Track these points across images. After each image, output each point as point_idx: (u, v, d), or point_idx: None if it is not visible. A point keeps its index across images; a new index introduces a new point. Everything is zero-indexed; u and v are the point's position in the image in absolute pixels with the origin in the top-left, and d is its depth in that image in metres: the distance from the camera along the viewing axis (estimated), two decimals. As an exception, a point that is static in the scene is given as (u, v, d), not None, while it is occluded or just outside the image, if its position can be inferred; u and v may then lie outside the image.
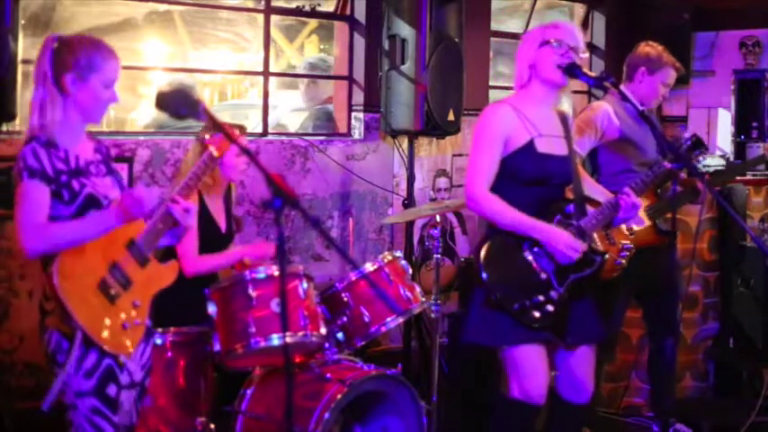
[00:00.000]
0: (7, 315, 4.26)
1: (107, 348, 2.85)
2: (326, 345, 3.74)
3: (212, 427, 3.60)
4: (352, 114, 5.73)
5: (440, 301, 4.27)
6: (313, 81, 6.44)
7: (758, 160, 4.98)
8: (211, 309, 3.53)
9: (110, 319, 2.86)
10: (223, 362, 3.56)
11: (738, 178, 5.57)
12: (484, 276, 3.39)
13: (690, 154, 3.84)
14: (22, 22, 4.18)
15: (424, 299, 3.98)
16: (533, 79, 3.50)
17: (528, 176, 3.45)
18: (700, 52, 7.28)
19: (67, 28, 5.90)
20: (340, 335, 3.79)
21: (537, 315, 3.39)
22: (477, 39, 5.95)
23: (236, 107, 7.84)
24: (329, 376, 3.65)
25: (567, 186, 3.58)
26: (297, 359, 3.79)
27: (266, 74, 5.42)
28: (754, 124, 6.43)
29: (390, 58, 4.99)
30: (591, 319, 3.57)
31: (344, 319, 3.80)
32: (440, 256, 4.26)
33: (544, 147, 3.47)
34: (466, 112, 5.23)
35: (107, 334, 2.84)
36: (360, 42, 5.69)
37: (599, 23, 7.32)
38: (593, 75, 3.54)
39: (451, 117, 5.07)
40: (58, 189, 2.83)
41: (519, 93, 3.55)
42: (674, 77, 4.42)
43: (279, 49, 7.20)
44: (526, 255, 3.44)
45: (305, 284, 3.61)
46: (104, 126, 4.83)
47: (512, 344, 3.43)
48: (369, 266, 3.91)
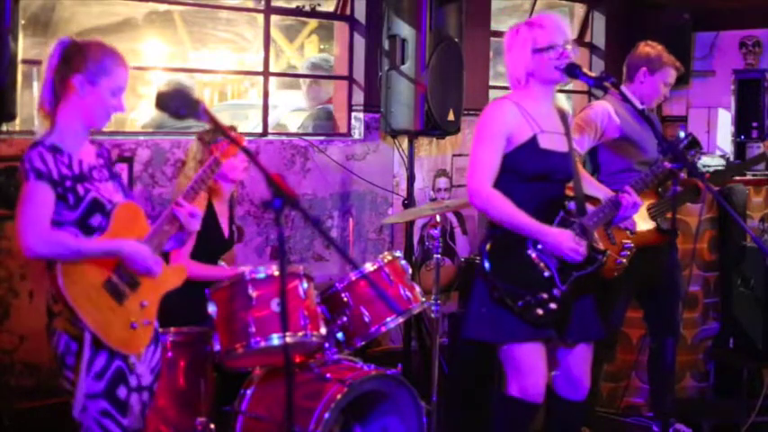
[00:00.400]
0: (7, 315, 4.26)
1: (117, 349, 2.84)
2: (326, 345, 3.74)
3: (212, 427, 3.60)
4: (352, 114, 5.72)
5: (440, 301, 4.27)
6: (315, 81, 6.44)
7: (758, 159, 4.97)
8: (211, 309, 3.53)
9: (118, 319, 2.85)
10: (223, 362, 3.56)
11: (738, 178, 5.57)
12: (488, 272, 3.39)
13: (686, 153, 3.85)
14: (22, 22, 4.17)
15: (424, 299, 3.98)
16: (531, 81, 3.50)
17: (530, 172, 3.45)
18: (700, 52, 7.28)
19: (67, 28, 5.90)
20: (340, 335, 3.79)
21: (540, 312, 3.39)
22: (477, 39, 5.95)
23: (236, 107, 7.85)
24: (329, 376, 3.64)
25: (568, 183, 3.59)
26: (297, 359, 3.79)
27: (266, 74, 5.42)
28: (754, 124, 6.43)
29: (390, 58, 4.99)
30: (591, 317, 3.57)
31: (344, 319, 3.80)
32: (440, 256, 4.26)
33: (546, 143, 3.48)
34: (466, 112, 5.23)
35: (116, 334, 2.84)
36: (360, 42, 5.69)
37: (599, 23, 7.31)
38: (593, 75, 3.54)
39: (451, 117, 5.07)
40: (63, 193, 2.82)
41: (519, 91, 3.54)
42: (674, 77, 4.42)
43: (279, 49, 7.21)
44: (530, 252, 3.44)
45: (305, 284, 3.61)
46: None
47: (514, 341, 3.43)
48: (369, 266, 3.91)
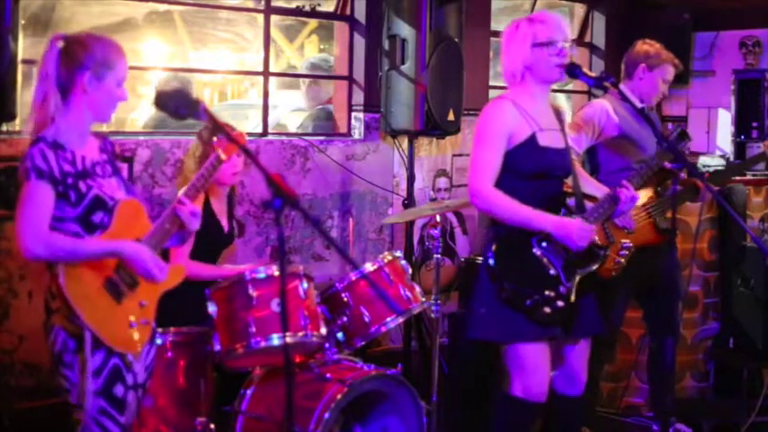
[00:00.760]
0: (7, 315, 4.26)
1: (115, 347, 2.83)
2: (326, 345, 3.74)
3: (212, 427, 3.60)
4: (352, 114, 5.73)
5: (440, 301, 4.27)
6: (314, 81, 6.44)
7: (758, 158, 4.96)
8: (212, 309, 3.53)
9: (117, 318, 2.85)
10: (223, 362, 3.56)
11: (738, 178, 5.57)
12: (496, 273, 3.39)
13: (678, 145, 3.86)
14: (22, 22, 4.17)
15: (424, 299, 3.98)
16: (528, 77, 3.50)
17: (530, 170, 3.45)
18: (700, 52, 7.28)
19: (67, 28, 5.90)
20: (340, 335, 3.79)
21: (548, 311, 3.39)
22: (477, 39, 5.95)
23: (236, 107, 7.84)
24: (329, 376, 3.64)
25: (566, 179, 3.60)
26: (297, 359, 3.79)
27: (266, 74, 5.42)
28: (754, 124, 6.43)
29: (390, 58, 4.99)
30: (592, 312, 3.58)
31: (344, 319, 3.79)
32: (440, 256, 4.26)
33: (545, 140, 3.48)
34: (466, 112, 5.23)
35: (114, 333, 2.83)
36: (360, 42, 5.69)
37: (599, 23, 7.32)
38: (593, 75, 3.54)
39: (451, 117, 5.07)
40: (65, 190, 2.81)
41: (516, 89, 3.53)
42: (672, 74, 4.42)
43: (279, 49, 7.21)
44: (535, 250, 3.44)
45: (305, 284, 3.61)
46: (104, 126, 4.81)
47: (522, 340, 3.42)
48: (369, 266, 3.91)
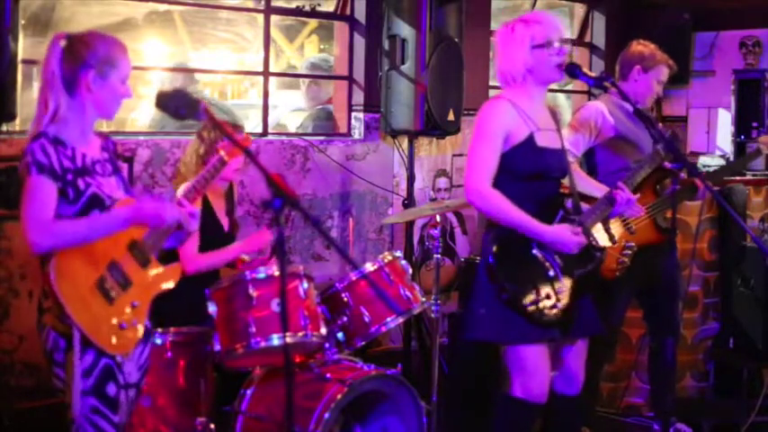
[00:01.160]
0: (7, 315, 4.26)
1: (103, 348, 2.82)
2: (326, 345, 3.74)
3: (212, 427, 3.60)
4: (352, 114, 5.73)
5: (440, 301, 4.27)
6: (314, 81, 6.44)
7: (754, 155, 4.94)
8: (212, 309, 3.53)
9: (107, 318, 2.83)
10: (223, 362, 3.56)
11: (738, 178, 5.56)
12: (497, 274, 3.38)
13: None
14: (22, 22, 4.18)
15: (424, 299, 3.98)
16: (529, 79, 3.48)
17: (528, 171, 3.44)
18: (700, 52, 7.28)
19: (67, 28, 5.89)
20: (340, 335, 3.79)
21: (547, 312, 3.39)
22: (477, 39, 5.95)
23: (236, 107, 7.83)
24: (329, 376, 3.64)
25: (562, 180, 3.59)
26: (297, 359, 3.79)
27: (266, 74, 5.42)
28: (754, 124, 6.42)
29: (390, 58, 4.99)
30: (590, 312, 3.58)
31: (345, 319, 3.80)
32: (440, 256, 4.26)
33: (542, 141, 3.48)
34: (466, 112, 5.23)
35: (104, 334, 2.81)
36: (360, 42, 5.69)
37: (599, 23, 7.32)
38: (593, 75, 3.54)
39: (451, 117, 5.07)
40: (63, 187, 2.80)
41: (512, 90, 3.51)
42: (667, 74, 4.41)
43: (279, 49, 7.20)
44: (535, 251, 3.44)
45: (305, 284, 3.61)
46: (105, 126, 4.82)
47: (522, 342, 3.42)
48: (369, 266, 3.91)
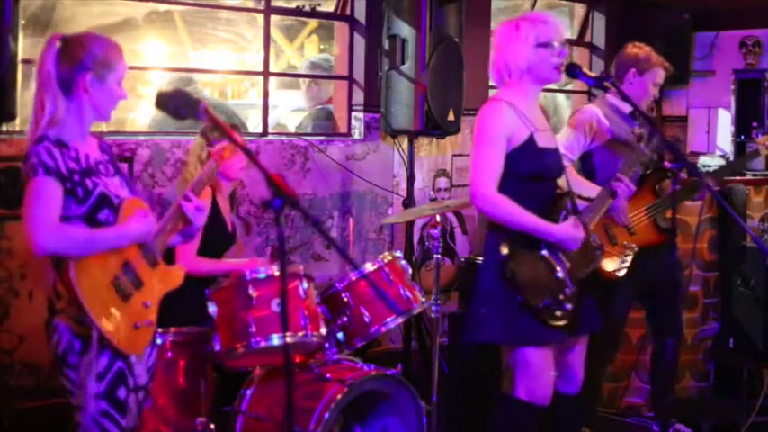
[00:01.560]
0: (7, 315, 4.26)
1: (121, 348, 2.82)
2: (326, 345, 3.74)
3: (212, 427, 3.60)
4: (352, 114, 5.73)
5: (440, 301, 4.27)
6: (314, 81, 6.44)
7: (753, 155, 4.93)
8: (212, 308, 3.53)
9: (123, 318, 2.83)
10: (223, 362, 3.56)
11: (738, 178, 5.56)
12: (511, 275, 3.36)
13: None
14: (22, 22, 4.18)
15: (424, 299, 3.98)
16: (526, 77, 3.46)
17: (529, 172, 3.43)
18: (700, 52, 7.28)
19: (67, 28, 5.89)
20: (340, 335, 3.79)
21: (559, 314, 3.39)
22: (477, 39, 5.94)
23: (236, 107, 7.83)
24: (329, 376, 3.65)
25: (559, 179, 3.59)
26: (297, 359, 3.79)
27: (266, 74, 5.42)
28: (754, 124, 6.42)
29: (390, 58, 4.99)
30: (590, 311, 3.58)
31: (345, 319, 3.79)
32: (440, 256, 4.26)
33: (542, 141, 3.47)
34: (466, 112, 5.22)
35: (121, 333, 2.81)
36: (360, 42, 5.69)
37: (599, 23, 7.31)
38: (593, 75, 3.54)
39: (451, 117, 5.07)
40: (72, 187, 2.79)
41: (508, 89, 3.49)
42: (663, 76, 4.39)
43: (279, 49, 7.19)
44: (543, 252, 3.43)
45: (305, 284, 3.61)
46: (104, 126, 4.81)
47: (532, 344, 3.41)
48: (369, 266, 3.91)
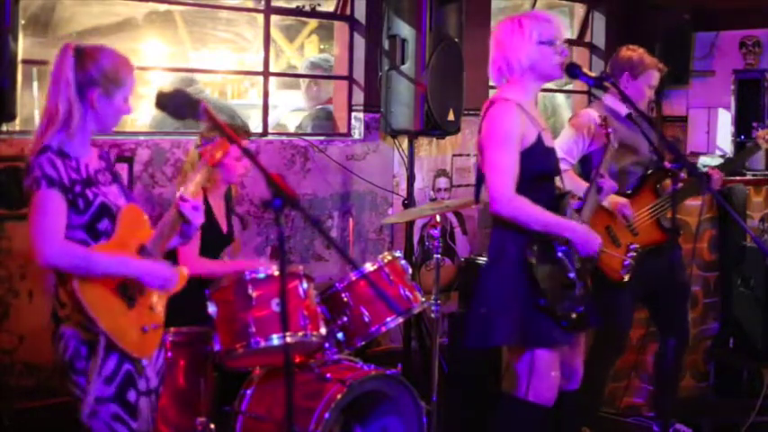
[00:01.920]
0: (7, 315, 4.26)
1: (131, 352, 2.84)
2: (326, 345, 3.74)
3: (212, 427, 3.60)
4: (352, 114, 5.73)
5: (440, 301, 4.27)
6: (314, 81, 6.44)
7: (753, 149, 4.92)
8: (211, 309, 3.53)
9: (130, 322, 2.86)
10: (223, 362, 3.56)
11: (738, 178, 5.57)
12: (539, 279, 3.34)
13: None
14: (22, 22, 4.17)
15: (423, 299, 3.98)
16: (528, 74, 3.42)
17: (539, 172, 3.41)
18: (700, 52, 7.28)
19: (68, 28, 5.90)
20: (340, 335, 3.79)
21: (574, 316, 3.40)
22: (477, 39, 5.93)
23: (236, 107, 7.82)
24: (329, 376, 3.65)
25: (557, 178, 3.59)
26: (297, 359, 3.79)
27: (266, 74, 5.42)
28: (754, 124, 6.42)
29: (390, 58, 4.99)
30: (592, 308, 3.57)
31: (344, 319, 3.79)
32: (440, 256, 4.26)
33: (547, 141, 3.47)
34: (466, 112, 5.23)
35: (129, 338, 2.84)
36: (360, 42, 5.69)
37: (599, 23, 7.32)
38: (593, 75, 3.53)
39: (451, 117, 5.07)
40: (74, 199, 2.82)
41: (510, 87, 3.45)
42: (658, 78, 4.38)
43: (279, 49, 7.19)
44: (559, 254, 3.42)
45: (305, 284, 3.61)
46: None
47: (549, 345, 3.40)
48: (369, 266, 3.90)
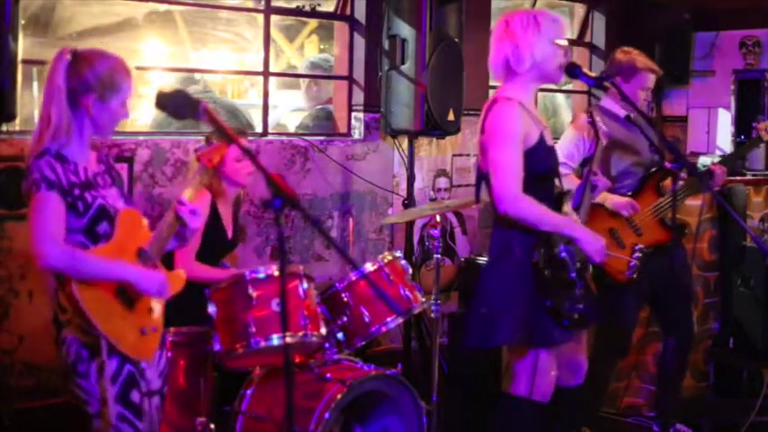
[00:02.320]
0: (7, 315, 4.26)
1: (130, 354, 2.85)
2: (326, 345, 3.74)
3: (212, 427, 3.60)
4: (352, 114, 5.73)
5: (440, 301, 4.27)
6: (314, 81, 6.44)
7: (755, 142, 4.90)
8: (211, 309, 3.53)
9: (129, 324, 2.86)
10: (223, 362, 3.56)
11: (738, 178, 5.57)
12: (547, 280, 3.34)
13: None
14: (22, 22, 4.17)
15: (424, 299, 3.98)
16: (532, 71, 3.40)
17: (542, 171, 3.40)
18: (700, 52, 7.29)
19: (68, 28, 5.90)
20: (340, 335, 3.79)
21: (576, 316, 3.39)
22: (477, 39, 5.94)
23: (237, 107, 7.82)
24: (329, 376, 3.65)
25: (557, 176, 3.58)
26: (297, 359, 3.79)
27: (266, 74, 5.43)
28: (755, 124, 6.42)
29: (390, 58, 4.99)
30: (593, 304, 3.55)
31: (345, 319, 3.79)
32: (440, 256, 4.26)
33: (548, 140, 3.47)
34: (466, 112, 5.23)
35: (129, 340, 2.85)
36: (360, 42, 5.69)
37: (599, 23, 7.32)
38: (593, 75, 3.53)
39: (451, 117, 5.07)
40: (73, 201, 2.82)
41: (511, 86, 3.43)
42: (652, 80, 4.35)
43: (279, 49, 7.19)
44: (562, 255, 3.41)
45: (305, 284, 3.61)
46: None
47: (551, 345, 3.40)
48: (369, 266, 3.91)
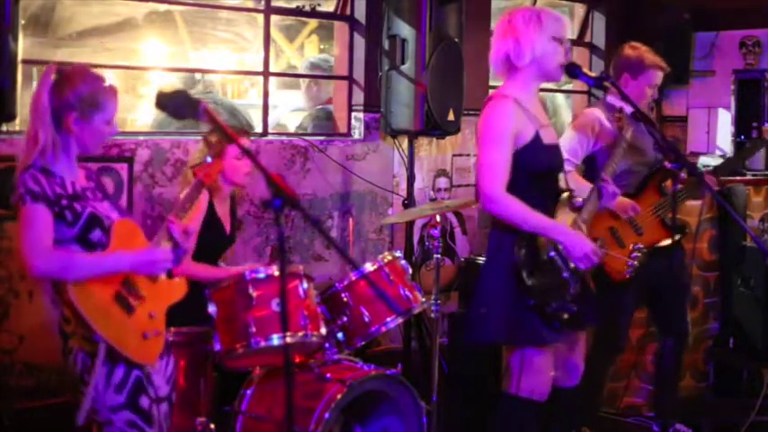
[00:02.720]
0: (7, 315, 4.26)
1: (134, 358, 2.86)
2: (326, 345, 3.74)
3: (212, 427, 3.60)
4: (352, 114, 5.73)
5: (440, 301, 4.27)
6: (314, 81, 6.44)
7: (757, 144, 4.89)
8: (212, 308, 3.53)
9: (130, 329, 2.87)
10: (223, 362, 3.56)
11: (738, 178, 5.57)
12: (524, 277, 3.33)
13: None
14: (22, 22, 4.17)
15: (424, 299, 3.98)
16: (532, 67, 3.39)
17: (537, 169, 3.40)
18: (700, 52, 7.28)
19: (68, 28, 5.91)
20: (340, 335, 3.79)
21: (566, 316, 3.39)
22: (477, 39, 5.94)
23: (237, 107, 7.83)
24: (329, 376, 3.65)
25: (559, 175, 3.58)
26: (297, 359, 3.79)
27: (266, 74, 5.43)
28: (754, 124, 6.43)
29: (390, 58, 4.99)
30: (592, 305, 3.57)
31: (344, 319, 3.79)
32: (440, 256, 4.25)
33: (546, 138, 3.45)
34: (466, 111, 5.23)
35: (131, 344, 2.86)
36: (360, 42, 5.69)
37: (599, 23, 7.32)
38: (593, 75, 3.53)
39: (451, 117, 5.07)
40: (60, 211, 2.83)
41: (511, 83, 3.43)
42: (660, 77, 4.33)
43: (279, 49, 7.19)
44: (552, 254, 3.41)
45: (305, 284, 3.61)
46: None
47: (540, 345, 3.40)
48: (369, 266, 3.90)
